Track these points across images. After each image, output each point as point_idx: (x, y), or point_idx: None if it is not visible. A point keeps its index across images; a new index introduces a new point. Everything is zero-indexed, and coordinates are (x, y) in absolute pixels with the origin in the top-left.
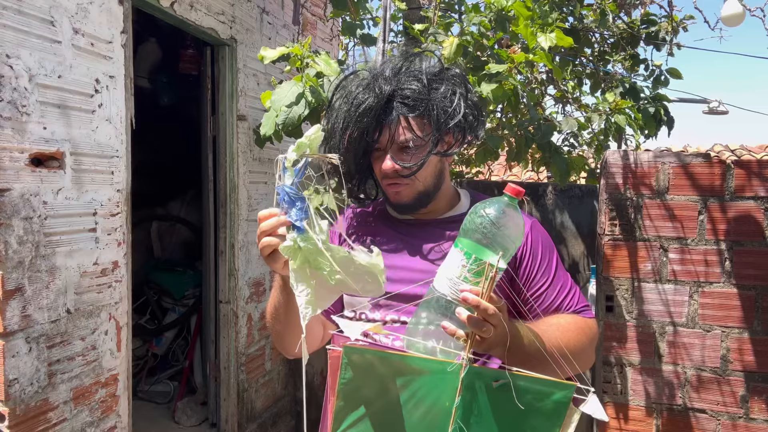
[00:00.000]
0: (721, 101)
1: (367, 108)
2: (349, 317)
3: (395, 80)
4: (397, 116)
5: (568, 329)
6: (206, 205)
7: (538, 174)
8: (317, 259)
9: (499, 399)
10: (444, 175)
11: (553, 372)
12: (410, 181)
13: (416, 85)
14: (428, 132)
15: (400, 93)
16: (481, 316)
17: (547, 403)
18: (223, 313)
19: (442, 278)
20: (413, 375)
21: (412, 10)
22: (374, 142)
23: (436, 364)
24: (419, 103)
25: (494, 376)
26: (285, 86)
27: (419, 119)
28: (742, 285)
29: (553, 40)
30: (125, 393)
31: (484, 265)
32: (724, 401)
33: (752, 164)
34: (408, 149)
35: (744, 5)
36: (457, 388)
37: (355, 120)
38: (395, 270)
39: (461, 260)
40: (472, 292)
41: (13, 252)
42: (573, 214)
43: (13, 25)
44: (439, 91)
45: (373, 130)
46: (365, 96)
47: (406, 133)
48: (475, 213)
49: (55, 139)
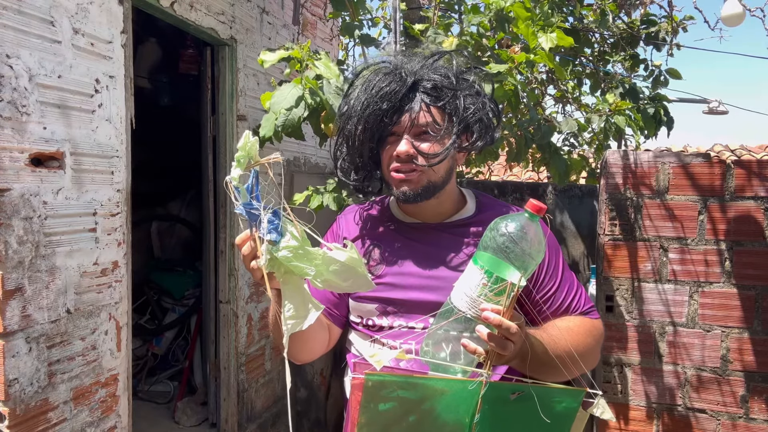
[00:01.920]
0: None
1: (390, 91)
2: (356, 322)
3: (421, 71)
4: (421, 102)
5: (578, 332)
6: (206, 205)
7: (538, 174)
8: (298, 265)
9: (513, 408)
10: (453, 172)
11: (563, 374)
12: (423, 168)
13: (442, 78)
14: (450, 123)
15: (424, 83)
16: (502, 334)
17: (558, 409)
18: (223, 313)
19: (461, 294)
20: (434, 396)
21: (412, 10)
22: (392, 124)
23: (456, 384)
24: (444, 94)
25: (512, 389)
26: (284, 88)
27: (441, 110)
28: (742, 285)
29: (554, 40)
30: (125, 393)
31: (506, 284)
32: (724, 401)
33: (752, 164)
34: (426, 136)
35: (744, 5)
36: (477, 405)
37: (375, 102)
38: (403, 276)
39: (481, 278)
40: (494, 311)
41: (13, 252)
42: (573, 214)
43: (13, 25)
44: (464, 86)
45: (393, 113)
46: (387, 81)
47: (427, 117)
48: (497, 230)
49: (55, 139)
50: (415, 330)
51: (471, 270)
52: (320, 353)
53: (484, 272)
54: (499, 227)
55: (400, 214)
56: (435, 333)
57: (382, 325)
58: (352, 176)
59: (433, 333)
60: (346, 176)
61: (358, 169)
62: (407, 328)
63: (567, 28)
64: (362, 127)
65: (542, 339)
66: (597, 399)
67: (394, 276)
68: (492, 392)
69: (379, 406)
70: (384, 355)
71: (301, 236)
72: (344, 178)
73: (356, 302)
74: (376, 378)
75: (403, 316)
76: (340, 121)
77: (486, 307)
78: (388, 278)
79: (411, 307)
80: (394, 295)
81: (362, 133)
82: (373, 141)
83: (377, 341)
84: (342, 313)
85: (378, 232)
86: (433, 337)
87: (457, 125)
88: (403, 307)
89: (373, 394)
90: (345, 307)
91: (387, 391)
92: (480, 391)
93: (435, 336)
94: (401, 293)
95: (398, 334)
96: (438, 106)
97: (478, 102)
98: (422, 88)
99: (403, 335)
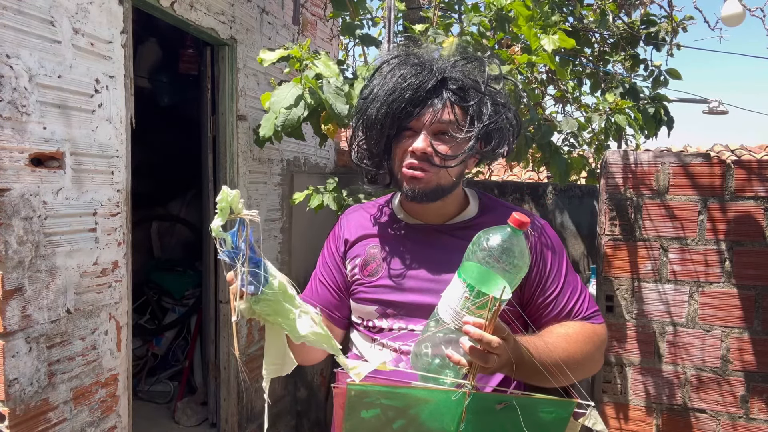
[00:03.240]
0: (721, 101)
1: (417, 82)
2: (357, 323)
3: (451, 70)
4: (446, 99)
5: (576, 340)
6: (206, 205)
7: (538, 174)
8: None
9: (500, 419)
10: (462, 176)
11: (559, 382)
12: (436, 170)
13: (471, 81)
14: (471, 127)
15: (452, 82)
16: (484, 348)
17: (548, 419)
18: (223, 313)
19: (446, 306)
20: (417, 404)
21: (412, 10)
22: (414, 116)
23: (440, 394)
24: (470, 96)
25: (497, 400)
26: (284, 88)
27: (464, 112)
28: (742, 285)
29: (556, 42)
30: (125, 393)
31: (488, 298)
32: (724, 401)
33: (752, 164)
34: (444, 137)
35: (744, 5)
36: (462, 414)
37: (402, 89)
38: (402, 279)
39: (464, 292)
40: (475, 325)
41: (13, 252)
42: (573, 214)
43: (13, 25)
44: (492, 93)
45: (416, 104)
46: (415, 71)
47: (450, 116)
48: (478, 245)
49: (55, 139)
50: (414, 332)
51: (455, 283)
52: (321, 357)
53: (467, 286)
54: (481, 242)
55: (403, 213)
56: (424, 341)
57: (382, 327)
58: (366, 163)
59: (422, 341)
60: (359, 161)
61: (373, 156)
62: (407, 331)
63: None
64: (384, 112)
65: (536, 347)
66: (589, 410)
67: (394, 278)
68: (477, 403)
69: (361, 413)
70: (364, 367)
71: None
72: (358, 163)
73: (357, 304)
74: (358, 388)
75: (403, 318)
76: (361, 103)
77: (468, 320)
78: (388, 280)
79: (410, 310)
80: (393, 297)
81: (384, 118)
82: (393, 128)
83: (378, 342)
84: (343, 315)
85: (379, 233)
86: (422, 346)
87: (477, 130)
88: (402, 310)
89: (356, 402)
90: (346, 308)
91: (370, 399)
92: (464, 401)
93: (424, 344)
94: (401, 296)
95: (398, 336)
96: (462, 106)
97: (503, 112)
98: (450, 86)
99: (403, 338)
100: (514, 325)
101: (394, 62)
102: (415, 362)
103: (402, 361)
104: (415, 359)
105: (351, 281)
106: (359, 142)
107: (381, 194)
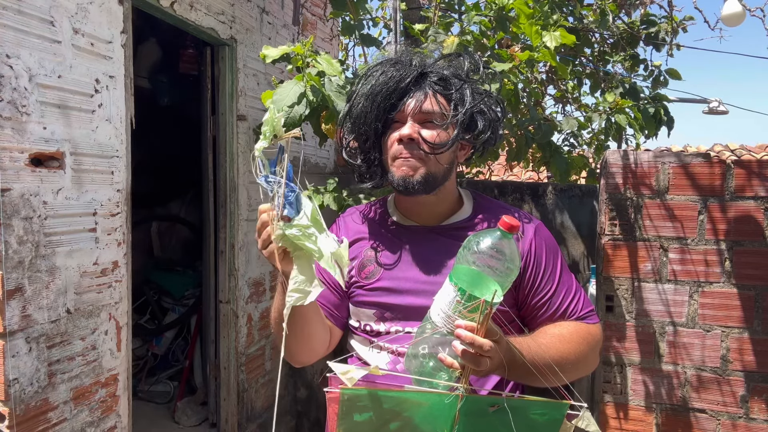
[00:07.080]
0: (721, 101)
1: (398, 77)
2: (355, 327)
3: (430, 65)
4: (428, 90)
5: (570, 340)
6: (206, 205)
7: (538, 174)
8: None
9: (493, 422)
10: (453, 168)
11: (552, 382)
12: (426, 158)
13: (451, 71)
14: (455, 113)
15: (432, 75)
16: (476, 351)
17: (541, 420)
18: (223, 313)
19: (438, 310)
20: (411, 408)
21: (412, 10)
22: (398, 108)
23: (433, 397)
24: (451, 85)
25: (490, 402)
26: (286, 85)
27: (447, 100)
28: (742, 285)
29: (558, 39)
30: (125, 393)
31: (479, 302)
32: (724, 401)
33: (752, 164)
34: (431, 124)
35: (744, 5)
36: (455, 417)
37: (383, 83)
38: (399, 281)
39: (455, 295)
40: (467, 329)
41: (13, 252)
42: (573, 214)
43: (13, 25)
44: (473, 81)
45: (399, 97)
46: (396, 68)
47: (434, 105)
48: (468, 248)
49: (55, 139)
50: (411, 335)
51: (446, 286)
52: (321, 354)
53: (458, 289)
54: (471, 245)
55: (398, 215)
56: (418, 344)
57: (380, 331)
58: (358, 160)
59: (416, 344)
60: (352, 159)
61: (363, 151)
62: (404, 333)
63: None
64: (369, 106)
65: (529, 348)
66: (582, 412)
67: (390, 281)
68: (470, 405)
69: (355, 416)
70: (356, 372)
71: (313, 218)
72: (350, 160)
73: (356, 307)
74: (351, 392)
75: (400, 321)
76: (348, 104)
77: (460, 324)
78: (385, 282)
79: (408, 313)
80: (391, 300)
81: (370, 112)
82: (380, 120)
83: (376, 345)
84: (343, 315)
85: (376, 235)
86: (417, 348)
87: (462, 115)
88: (400, 313)
89: (349, 406)
90: (346, 309)
91: (363, 403)
92: (457, 404)
93: (418, 347)
94: (398, 298)
95: (395, 338)
96: (445, 94)
97: (485, 97)
98: (430, 78)
99: (400, 340)
100: (507, 327)
101: (376, 68)
102: (409, 364)
103: (399, 363)
104: (410, 362)
105: (349, 283)
106: (349, 141)
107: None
